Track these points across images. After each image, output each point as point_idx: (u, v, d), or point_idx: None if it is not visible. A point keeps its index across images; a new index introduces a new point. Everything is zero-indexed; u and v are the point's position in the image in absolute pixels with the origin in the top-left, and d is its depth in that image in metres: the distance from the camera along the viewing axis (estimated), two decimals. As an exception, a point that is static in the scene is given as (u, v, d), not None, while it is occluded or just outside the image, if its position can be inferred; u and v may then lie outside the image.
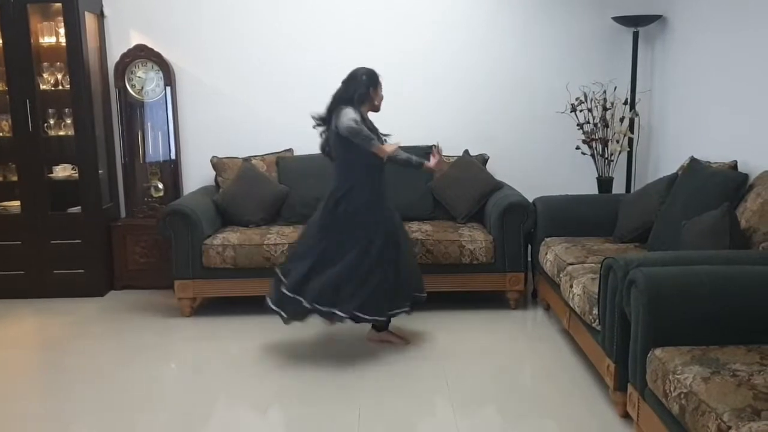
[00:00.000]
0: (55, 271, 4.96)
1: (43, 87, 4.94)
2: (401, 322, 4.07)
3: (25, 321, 4.67)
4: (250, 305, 4.59)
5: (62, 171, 5.06)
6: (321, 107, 5.16)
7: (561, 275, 3.81)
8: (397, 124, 5.17)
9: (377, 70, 3.88)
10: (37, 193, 4.94)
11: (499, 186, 4.83)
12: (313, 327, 4.31)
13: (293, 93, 5.24)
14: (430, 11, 5.21)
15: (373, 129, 3.83)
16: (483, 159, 5.07)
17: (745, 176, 3.49)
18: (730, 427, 2.00)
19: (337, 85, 5.20)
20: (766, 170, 3.39)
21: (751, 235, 3.17)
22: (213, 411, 3.32)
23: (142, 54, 5.09)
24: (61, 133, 5.04)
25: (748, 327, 2.60)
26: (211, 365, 3.83)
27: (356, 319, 3.71)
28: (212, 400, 3.41)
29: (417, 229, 4.56)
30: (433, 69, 5.26)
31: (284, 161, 5.08)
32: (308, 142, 5.09)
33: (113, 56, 5.15)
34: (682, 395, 2.30)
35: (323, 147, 3.96)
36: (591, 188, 5.08)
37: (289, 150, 5.19)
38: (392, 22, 5.23)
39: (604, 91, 4.96)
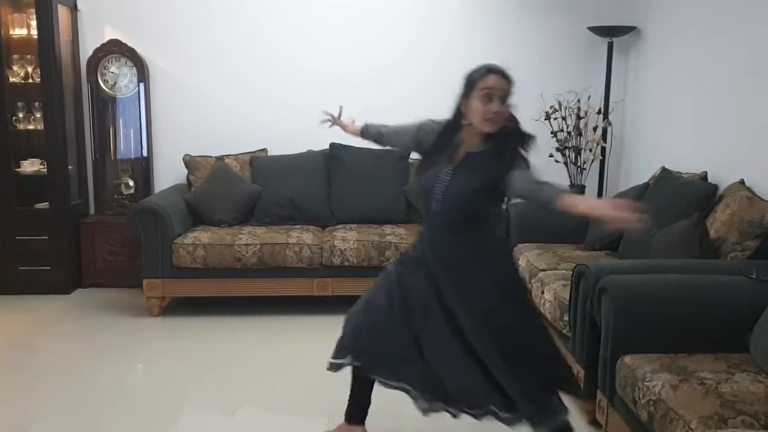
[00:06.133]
0: (20, 268, 4.86)
1: (12, 79, 4.85)
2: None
3: (-12, 318, 4.57)
4: (220, 306, 4.56)
5: (30, 165, 4.96)
6: (297, 107, 5.21)
7: (532, 281, 3.83)
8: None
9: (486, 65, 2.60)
10: (4, 188, 4.83)
11: (473, 191, 4.83)
12: (286, 332, 4.29)
13: (268, 92, 5.22)
14: (406, 15, 5.21)
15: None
16: (457, 164, 5.07)
17: (715, 187, 3.54)
18: (697, 435, 2.02)
19: (312, 84, 5.23)
20: (736, 182, 3.44)
21: (720, 245, 3.22)
22: (179, 413, 3.27)
23: (115, 49, 5.02)
24: (30, 127, 4.94)
25: (716, 335, 2.64)
26: (179, 366, 3.78)
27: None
28: (179, 402, 3.36)
29: (391, 233, 4.56)
30: (409, 73, 5.26)
31: (258, 161, 5.04)
32: (282, 141, 5.12)
33: (86, 50, 5.07)
34: (651, 402, 2.32)
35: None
36: (563, 196, 5.11)
37: (263, 149, 5.16)
38: (370, 25, 5.22)
39: (578, 100, 5.01)
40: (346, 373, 3.64)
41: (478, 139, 2.55)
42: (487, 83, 2.48)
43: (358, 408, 2.88)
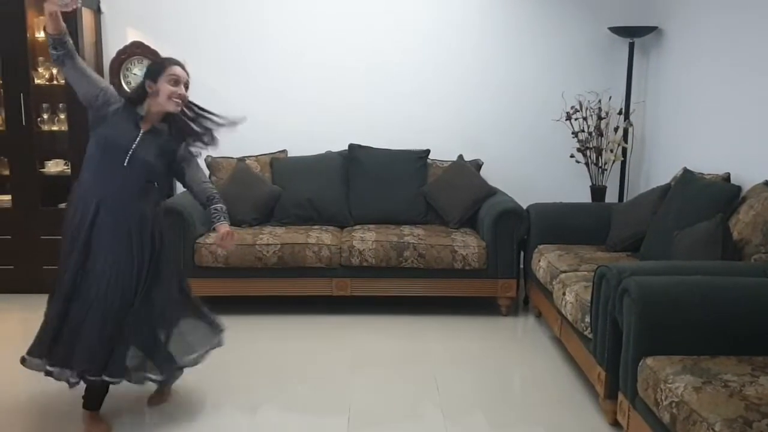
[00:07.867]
0: (44, 267, 4.91)
1: (37, 81, 4.91)
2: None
3: (12, 316, 4.62)
4: (240, 305, 4.59)
5: (54, 166, 5.03)
6: (316, 109, 5.24)
7: (554, 283, 3.82)
8: (392, 127, 5.24)
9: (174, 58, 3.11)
10: (29, 188, 4.90)
11: (492, 192, 4.83)
12: (306, 331, 4.31)
13: (289, 94, 5.25)
14: (425, 16, 5.22)
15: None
16: (477, 164, 5.07)
17: (738, 188, 3.51)
18: (721, 437, 2.01)
19: (331, 87, 5.25)
20: (759, 183, 3.41)
21: (743, 246, 3.19)
22: (198, 412, 3.29)
23: (138, 51, 5.07)
24: (55, 128, 5.01)
25: (739, 338, 2.62)
26: (200, 365, 3.80)
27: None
28: (198, 401, 3.38)
29: (409, 233, 4.56)
30: (429, 73, 5.27)
31: (278, 162, 5.07)
32: (302, 143, 5.15)
33: (109, 52, 5.13)
34: (674, 404, 2.30)
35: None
36: (584, 196, 5.09)
37: (284, 151, 5.18)
38: (387, 25, 5.23)
39: (599, 101, 4.99)
40: (367, 373, 3.66)
41: (158, 118, 2.98)
42: (175, 71, 2.98)
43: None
